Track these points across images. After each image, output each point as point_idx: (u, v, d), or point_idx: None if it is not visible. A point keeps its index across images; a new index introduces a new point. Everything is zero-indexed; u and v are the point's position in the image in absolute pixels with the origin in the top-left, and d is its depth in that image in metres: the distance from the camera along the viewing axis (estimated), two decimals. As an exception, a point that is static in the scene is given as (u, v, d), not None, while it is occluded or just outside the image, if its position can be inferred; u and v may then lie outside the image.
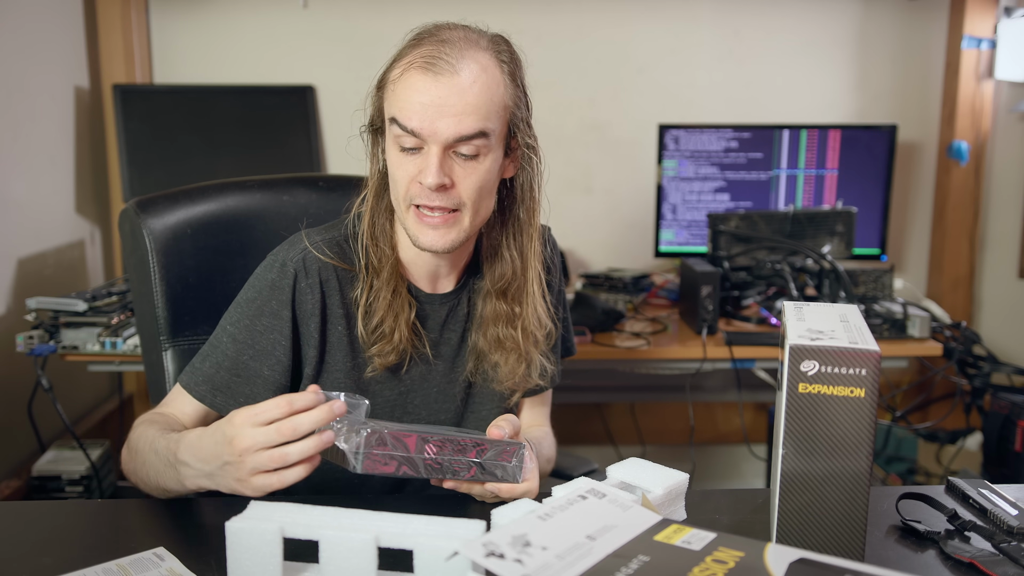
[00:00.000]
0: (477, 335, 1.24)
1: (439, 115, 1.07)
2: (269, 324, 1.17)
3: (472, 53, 1.09)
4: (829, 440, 0.88)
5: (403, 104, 1.09)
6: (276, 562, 0.86)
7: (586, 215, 2.76)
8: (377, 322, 1.18)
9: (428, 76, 1.07)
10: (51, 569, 0.91)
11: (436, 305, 1.24)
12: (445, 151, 1.09)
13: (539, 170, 1.21)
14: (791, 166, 2.56)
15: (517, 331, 1.22)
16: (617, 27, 2.68)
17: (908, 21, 2.71)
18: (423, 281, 1.23)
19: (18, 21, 2.17)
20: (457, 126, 1.08)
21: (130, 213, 1.34)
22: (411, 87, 1.08)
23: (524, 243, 1.22)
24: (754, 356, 2.14)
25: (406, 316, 1.19)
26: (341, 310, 1.20)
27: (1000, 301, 2.80)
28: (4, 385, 2.08)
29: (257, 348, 1.17)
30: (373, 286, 1.19)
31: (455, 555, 0.80)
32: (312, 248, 1.18)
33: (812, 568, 0.73)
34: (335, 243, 1.21)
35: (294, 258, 1.18)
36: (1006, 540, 0.97)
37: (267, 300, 1.17)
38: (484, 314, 1.24)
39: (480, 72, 1.09)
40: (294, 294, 1.17)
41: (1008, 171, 2.75)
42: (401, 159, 1.11)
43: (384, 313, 1.18)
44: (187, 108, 2.56)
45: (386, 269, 1.19)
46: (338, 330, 1.20)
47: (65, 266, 2.38)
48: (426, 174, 1.09)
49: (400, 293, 1.20)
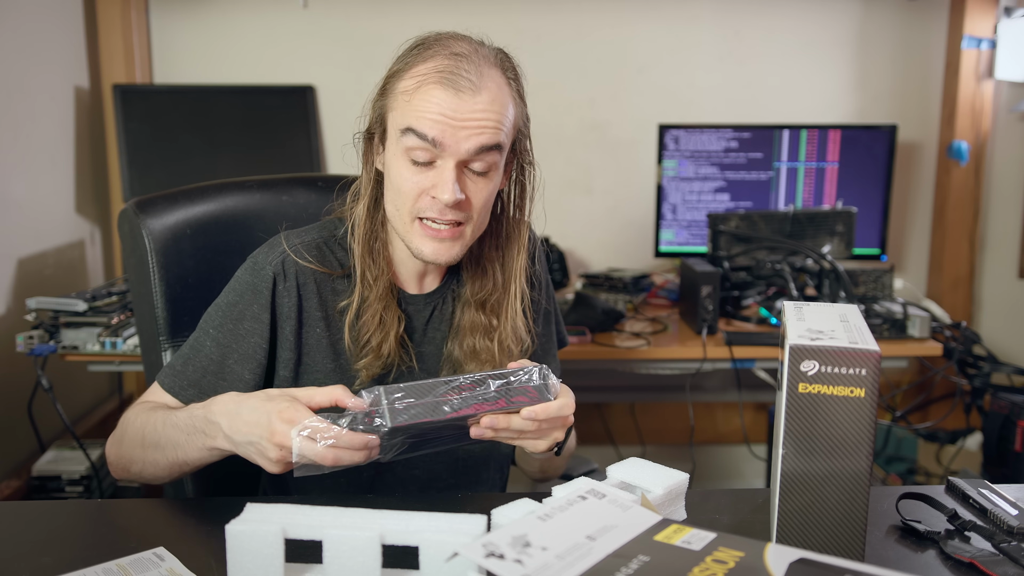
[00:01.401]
0: (453, 344, 1.24)
1: (460, 129, 1.07)
2: (251, 327, 1.17)
3: (488, 71, 1.10)
4: (829, 440, 0.88)
5: (422, 115, 1.08)
6: (278, 564, 0.85)
7: (586, 215, 2.76)
8: (366, 338, 1.18)
9: (449, 92, 1.07)
10: (51, 569, 0.91)
11: (421, 306, 1.24)
12: (459, 166, 1.09)
13: (535, 186, 1.21)
14: (791, 163, 2.56)
15: (493, 343, 1.22)
16: (617, 27, 2.68)
17: (908, 21, 2.71)
18: (410, 282, 1.24)
19: (18, 21, 2.17)
20: (478, 138, 1.08)
21: (129, 213, 1.34)
22: (431, 99, 1.07)
23: (508, 256, 1.22)
24: (754, 356, 2.14)
25: (395, 331, 1.19)
26: (320, 313, 1.19)
27: (1000, 301, 2.80)
28: (4, 385, 2.08)
29: (240, 351, 1.17)
30: (365, 299, 1.18)
31: (455, 556, 0.80)
32: (290, 251, 1.18)
33: (812, 568, 0.73)
34: (315, 246, 1.20)
35: (272, 261, 1.18)
36: (1006, 540, 0.97)
37: (248, 303, 1.17)
38: (462, 323, 1.23)
39: (497, 91, 1.10)
40: (273, 297, 1.17)
41: (1008, 171, 2.75)
42: (412, 172, 1.11)
43: (374, 330, 1.18)
44: (187, 108, 2.56)
45: (381, 285, 1.18)
46: (316, 333, 1.19)
47: (65, 266, 2.38)
48: (442, 189, 1.08)
49: (390, 308, 1.19)
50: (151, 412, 1.14)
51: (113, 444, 1.18)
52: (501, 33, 1.19)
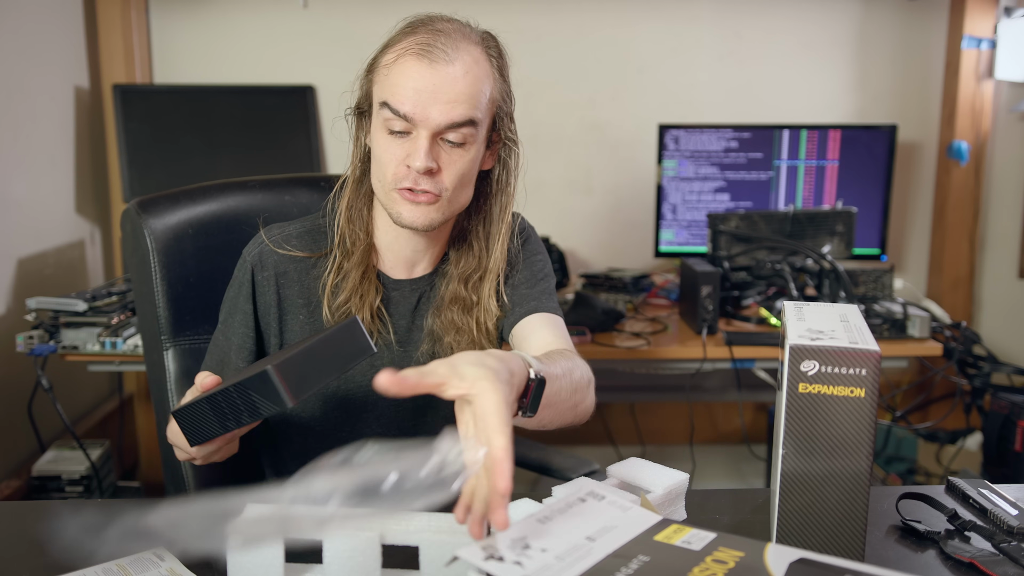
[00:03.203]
0: (433, 318, 1.26)
1: (432, 101, 1.10)
2: (241, 320, 1.23)
3: (465, 45, 1.12)
4: (829, 440, 0.88)
5: (396, 88, 1.11)
6: (278, 564, 0.86)
7: (586, 215, 2.76)
8: (342, 301, 1.21)
9: (423, 63, 1.10)
10: (51, 569, 0.91)
11: (406, 291, 1.26)
12: (433, 137, 1.12)
13: (518, 163, 1.24)
14: (792, 161, 2.56)
15: (472, 318, 1.25)
16: (617, 27, 2.68)
17: (908, 21, 2.71)
18: (398, 267, 1.26)
19: (18, 21, 2.17)
20: (449, 113, 1.10)
21: (132, 213, 1.34)
22: (404, 72, 1.11)
23: (492, 234, 1.25)
24: (754, 356, 2.14)
25: (370, 300, 1.22)
26: (301, 300, 1.23)
27: (1000, 301, 2.80)
28: (4, 385, 2.08)
29: (237, 344, 1.23)
30: (342, 267, 1.21)
31: (455, 560, 0.80)
32: (268, 242, 1.23)
33: (812, 568, 0.73)
34: (296, 235, 1.24)
35: (251, 252, 1.23)
36: (1006, 540, 0.97)
37: (236, 297, 1.24)
38: (444, 296, 1.26)
39: (472, 64, 1.12)
40: (254, 288, 1.23)
41: (1008, 171, 2.75)
42: (389, 142, 1.13)
43: (350, 293, 1.21)
44: (187, 108, 2.56)
45: (358, 252, 1.22)
46: (299, 319, 1.23)
47: (65, 266, 2.38)
48: (414, 158, 1.11)
49: (369, 278, 1.22)
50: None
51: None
52: (501, 33, 1.20)
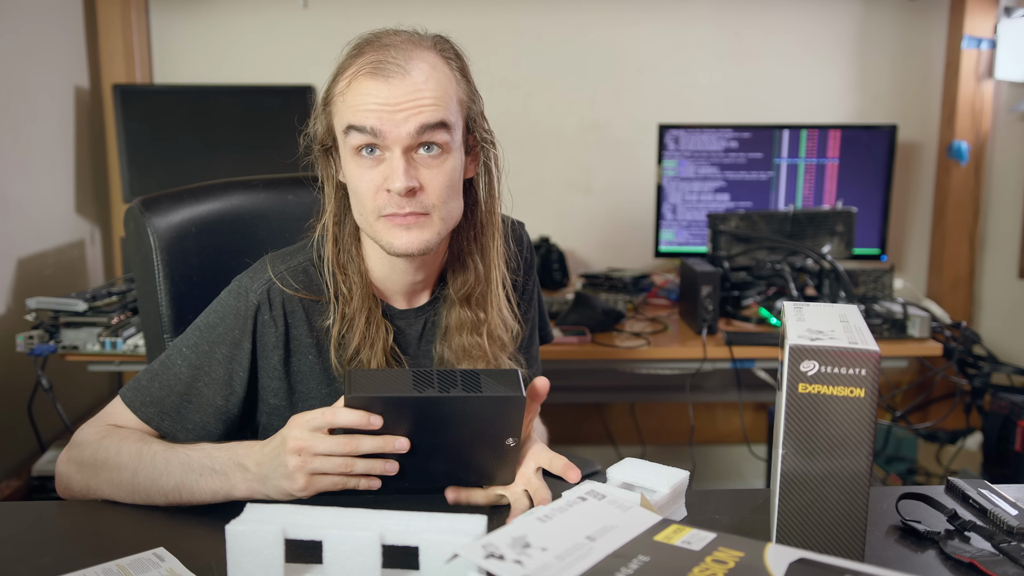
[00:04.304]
0: (442, 347, 1.21)
1: (397, 112, 1.04)
2: (229, 353, 1.14)
3: (418, 53, 1.07)
4: (829, 440, 0.88)
5: (357, 108, 1.05)
6: (278, 564, 0.85)
7: (586, 215, 2.76)
8: (352, 353, 1.14)
9: (379, 80, 1.04)
10: (51, 569, 0.91)
11: (412, 319, 1.21)
12: (407, 153, 1.06)
13: (498, 164, 1.18)
14: (792, 159, 2.56)
15: (483, 337, 1.19)
16: (617, 27, 2.68)
17: (908, 21, 2.71)
18: (399, 298, 1.20)
19: (18, 21, 2.17)
20: (417, 117, 1.04)
21: (135, 211, 1.34)
22: (362, 92, 1.05)
23: (486, 244, 1.19)
24: (754, 356, 2.14)
25: (383, 343, 1.15)
26: (310, 339, 1.16)
27: (1000, 301, 2.80)
28: (4, 385, 2.08)
29: (213, 376, 1.13)
30: (345, 315, 1.14)
31: (455, 557, 0.80)
32: (276, 279, 1.15)
33: (812, 568, 0.73)
34: (301, 270, 1.17)
35: (258, 289, 1.14)
36: (1006, 540, 0.97)
37: (229, 329, 1.14)
38: (449, 324, 1.20)
39: (431, 70, 1.07)
40: (255, 325, 1.14)
41: (1008, 171, 2.75)
42: (363, 170, 1.07)
43: (359, 343, 1.14)
44: (187, 108, 2.56)
45: (356, 297, 1.14)
46: (308, 359, 1.17)
47: (65, 266, 2.38)
48: (392, 179, 1.05)
49: (374, 319, 1.15)
50: (137, 443, 1.08)
51: (70, 464, 1.11)
52: (501, 33, 1.19)
